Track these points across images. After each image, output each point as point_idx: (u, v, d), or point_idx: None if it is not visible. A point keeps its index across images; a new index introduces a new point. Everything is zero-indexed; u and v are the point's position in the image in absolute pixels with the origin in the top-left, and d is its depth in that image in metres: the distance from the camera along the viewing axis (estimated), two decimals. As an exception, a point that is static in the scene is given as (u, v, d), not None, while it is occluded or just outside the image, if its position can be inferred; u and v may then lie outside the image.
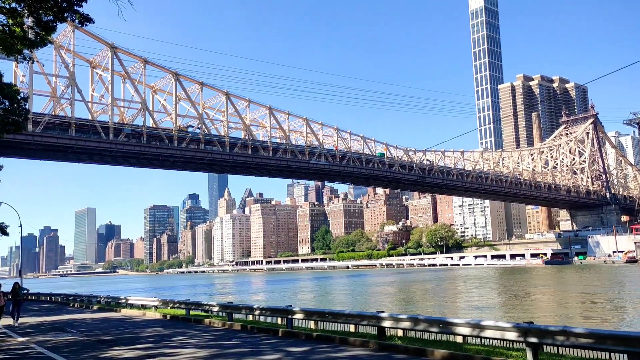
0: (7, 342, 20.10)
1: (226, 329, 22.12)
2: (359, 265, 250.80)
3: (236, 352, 15.66)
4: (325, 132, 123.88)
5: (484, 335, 13.76)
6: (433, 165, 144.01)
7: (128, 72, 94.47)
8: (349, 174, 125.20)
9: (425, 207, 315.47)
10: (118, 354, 15.89)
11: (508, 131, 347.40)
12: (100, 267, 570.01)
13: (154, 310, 31.06)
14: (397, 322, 16.04)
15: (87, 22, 15.45)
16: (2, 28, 15.23)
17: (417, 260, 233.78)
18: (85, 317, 30.48)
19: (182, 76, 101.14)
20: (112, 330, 23.02)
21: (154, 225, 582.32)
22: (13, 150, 79.24)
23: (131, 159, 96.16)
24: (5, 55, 18.52)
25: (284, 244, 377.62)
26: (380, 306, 47.34)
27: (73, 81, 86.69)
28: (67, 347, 17.81)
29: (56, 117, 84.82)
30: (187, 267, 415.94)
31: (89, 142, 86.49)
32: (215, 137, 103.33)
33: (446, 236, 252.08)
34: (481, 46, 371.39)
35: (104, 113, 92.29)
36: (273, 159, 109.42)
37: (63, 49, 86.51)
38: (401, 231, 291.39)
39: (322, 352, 15.11)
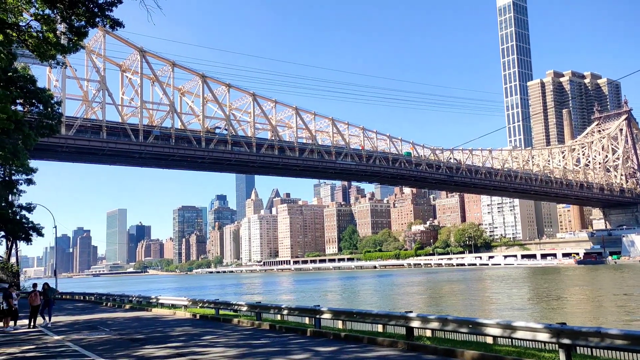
0: (43, 340, 20.64)
1: (255, 329, 22.29)
2: (386, 265, 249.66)
3: (265, 351, 15.77)
4: (352, 132, 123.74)
5: (515, 336, 13.56)
6: (460, 164, 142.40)
7: (157, 75, 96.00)
8: (375, 173, 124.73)
9: (453, 206, 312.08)
10: (150, 353, 16.16)
11: (538, 129, 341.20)
12: (132, 267, 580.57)
13: (184, 309, 31.48)
14: (426, 323, 15.92)
15: (118, 26, 15.78)
16: (37, 35, 15.64)
17: (445, 260, 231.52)
18: (117, 316, 31.08)
19: (209, 78, 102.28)
20: (144, 329, 23.42)
21: (183, 226, 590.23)
22: (47, 153, 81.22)
23: (160, 161, 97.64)
24: (40, 61, 19.05)
25: (311, 244, 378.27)
26: (408, 306, 47.05)
27: (104, 85, 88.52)
28: (100, 345, 18.20)
29: (88, 120, 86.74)
30: (215, 267, 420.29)
31: (119, 145, 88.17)
32: (242, 138, 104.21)
33: (475, 235, 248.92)
34: (509, 43, 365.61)
35: (134, 116, 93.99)
36: (299, 159, 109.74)
37: (94, 53, 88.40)
38: (429, 231, 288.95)
39: (351, 352, 15.10)
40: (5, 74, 27.02)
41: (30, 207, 43.37)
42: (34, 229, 40.82)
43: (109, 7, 15.05)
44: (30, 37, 15.70)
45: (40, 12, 15.40)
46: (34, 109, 33.48)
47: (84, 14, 14.79)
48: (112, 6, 15.18)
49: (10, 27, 15.49)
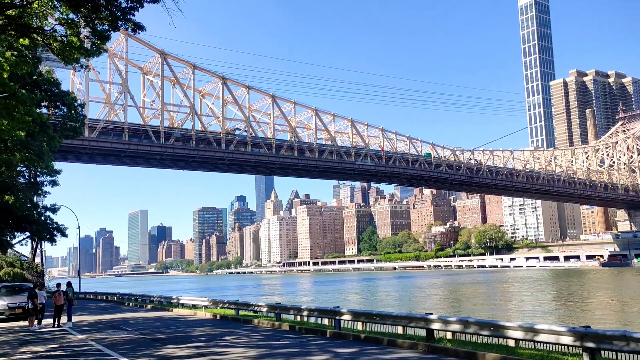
0: (67, 339, 20.98)
1: (275, 329, 22.35)
2: (406, 267, 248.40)
3: (285, 352, 15.80)
4: (371, 133, 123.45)
5: (538, 339, 13.37)
6: (481, 165, 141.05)
7: (177, 78, 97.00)
8: (395, 174, 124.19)
9: (474, 207, 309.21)
10: (171, 352, 16.32)
11: (560, 129, 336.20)
12: (153, 267, 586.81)
13: (205, 310, 31.70)
14: (447, 325, 15.80)
15: (140, 29, 15.97)
16: (61, 39, 15.91)
17: (465, 262, 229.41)
18: (139, 316, 31.44)
19: (229, 80, 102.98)
20: (165, 329, 23.65)
21: (203, 227, 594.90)
22: (71, 154, 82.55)
23: (181, 162, 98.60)
24: (64, 64, 19.38)
25: (331, 245, 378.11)
26: (429, 308, 46.75)
27: (126, 87, 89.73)
28: (123, 345, 18.43)
29: (110, 122, 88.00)
30: (235, 268, 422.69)
31: (141, 146, 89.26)
32: (261, 139, 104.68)
33: (496, 237, 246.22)
34: (531, 42, 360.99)
35: (155, 118, 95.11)
36: (319, 161, 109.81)
37: (116, 56, 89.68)
38: (449, 232, 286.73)
39: (370, 353, 15.06)
40: (31, 78, 27.54)
41: (54, 208, 44.04)
42: (58, 230, 41.41)
43: (131, 11, 15.25)
44: (55, 41, 15.97)
45: (65, 17, 15.66)
46: (58, 111, 34.08)
47: (107, 18, 15.01)
48: (134, 10, 15.38)
49: (35, 31, 15.79)
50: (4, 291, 32.51)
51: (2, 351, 18.00)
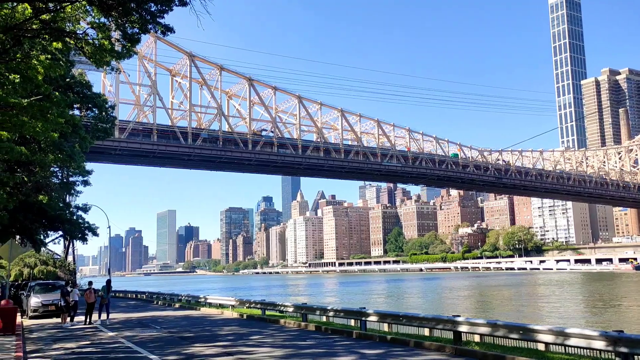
0: (98, 336, 21.42)
1: (301, 330, 22.40)
2: (432, 268, 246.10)
3: (311, 352, 15.82)
4: (397, 134, 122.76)
5: (569, 343, 13.11)
6: (510, 166, 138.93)
7: (205, 79, 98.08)
8: (421, 175, 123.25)
9: (502, 208, 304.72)
10: (199, 351, 16.51)
11: (592, 129, 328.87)
12: (180, 267, 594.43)
13: (231, 309, 31.95)
14: (475, 327, 15.60)
15: (169, 32, 16.21)
16: (93, 42, 16.25)
17: (493, 264, 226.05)
18: (167, 315, 31.87)
19: (255, 81, 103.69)
20: (193, 327, 23.93)
21: (230, 227, 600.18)
22: (101, 155, 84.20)
23: (208, 163, 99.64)
24: (95, 67, 19.79)
25: (357, 246, 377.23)
26: (456, 310, 46.24)
27: (155, 89, 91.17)
28: (152, 343, 18.72)
29: (140, 123, 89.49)
30: (261, 268, 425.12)
31: (169, 147, 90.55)
32: (288, 140, 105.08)
33: (525, 239, 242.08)
34: (562, 40, 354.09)
35: (183, 119, 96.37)
36: (345, 161, 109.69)
37: (146, 59, 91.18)
38: (476, 233, 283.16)
39: (397, 355, 14.97)
40: (64, 80, 28.23)
41: (86, 208, 44.91)
42: (89, 229, 42.20)
43: (161, 14, 15.48)
44: (87, 44, 16.32)
45: (96, 21, 16.00)
46: (89, 113, 34.82)
47: (137, 21, 15.27)
48: (164, 13, 15.61)
49: (68, 35, 16.16)
50: (38, 289, 33.36)
51: (37, 347, 18.48)
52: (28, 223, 34.27)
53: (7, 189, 24.40)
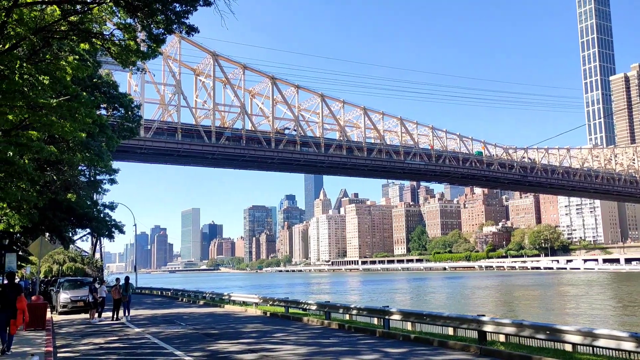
0: (125, 332, 21.80)
1: (324, 328, 22.43)
2: (456, 267, 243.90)
3: (334, 350, 15.84)
4: (421, 132, 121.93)
5: (597, 344, 12.87)
6: (535, 164, 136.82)
7: (228, 78, 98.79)
8: (445, 173, 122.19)
9: (527, 207, 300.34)
10: (223, 348, 16.67)
11: (621, 126, 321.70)
12: (205, 264, 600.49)
13: (255, 307, 32.14)
14: (500, 327, 15.42)
15: (193, 32, 16.39)
16: (119, 43, 16.52)
17: (518, 263, 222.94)
18: (192, 312, 32.24)
19: (278, 80, 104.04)
20: (217, 324, 24.16)
21: (253, 225, 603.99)
22: (127, 154, 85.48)
23: (231, 161, 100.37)
24: (122, 67, 20.12)
25: (379, 244, 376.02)
26: (480, 310, 45.78)
27: (179, 89, 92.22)
28: (177, 339, 18.97)
29: (164, 123, 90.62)
30: (284, 266, 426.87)
31: (193, 146, 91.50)
32: (310, 138, 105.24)
33: (551, 238, 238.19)
34: (590, 35, 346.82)
35: (207, 118, 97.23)
36: (367, 159, 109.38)
37: (170, 58, 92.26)
38: (501, 232, 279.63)
39: (421, 354, 14.90)
40: (91, 81, 28.75)
41: (112, 206, 45.73)
42: (116, 227, 42.99)
43: (185, 15, 15.66)
44: (114, 45, 16.60)
45: (122, 22, 16.26)
46: (116, 112, 35.40)
47: (162, 21, 15.47)
48: (188, 13, 15.79)
49: (95, 36, 16.45)
50: (67, 285, 34.07)
51: (66, 342, 18.90)
52: (57, 221, 35.04)
53: (37, 187, 24.94)
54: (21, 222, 26.95)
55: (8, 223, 28.11)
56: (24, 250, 44.31)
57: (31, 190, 22.23)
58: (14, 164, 18.11)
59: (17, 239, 41.26)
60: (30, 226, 31.33)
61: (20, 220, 26.63)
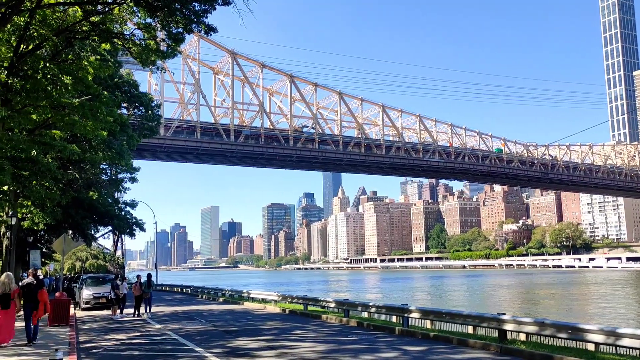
0: (147, 328, 22.08)
1: (342, 325, 22.44)
2: (476, 265, 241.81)
3: (353, 348, 15.85)
4: (439, 129, 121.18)
5: (620, 343, 12.66)
6: (557, 161, 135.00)
7: (247, 77, 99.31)
8: (464, 171, 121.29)
9: (548, 204, 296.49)
10: (243, 344, 16.79)
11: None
12: (224, 262, 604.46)
13: (274, 304, 32.27)
14: (521, 326, 15.27)
15: (212, 31, 16.52)
16: (139, 42, 16.72)
17: (539, 261, 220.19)
18: (212, 308, 32.50)
19: (296, 78, 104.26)
20: (237, 321, 24.33)
21: (272, 223, 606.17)
22: (147, 153, 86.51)
23: (250, 159, 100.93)
24: (142, 67, 20.36)
25: (398, 242, 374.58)
26: (500, 309, 45.33)
27: (198, 87, 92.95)
28: (197, 335, 19.16)
29: (184, 121, 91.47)
30: (303, 263, 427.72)
31: (212, 144, 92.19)
32: (329, 136, 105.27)
33: (573, 236, 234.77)
34: (613, 30, 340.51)
35: (226, 116, 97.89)
36: (386, 157, 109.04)
37: (189, 57, 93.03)
38: (521, 230, 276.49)
39: (440, 352, 14.82)
40: (112, 80, 29.15)
41: (133, 204, 46.40)
42: (137, 224, 43.57)
43: (204, 14, 15.80)
44: (134, 44, 16.81)
45: (143, 21, 16.46)
46: (136, 111, 35.85)
47: (182, 21, 15.63)
48: (207, 13, 15.93)
49: (116, 36, 16.69)
50: (90, 281, 34.58)
51: (90, 337, 19.22)
52: (79, 218, 35.61)
53: (60, 185, 25.38)
54: (45, 219, 27.46)
55: (32, 221, 28.67)
56: (47, 247, 45.13)
57: (54, 188, 22.63)
58: (38, 163, 18.45)
59: (41, 236, 42.06)
60: (54, 224, 31.92)
61: (44, 218, 27.14)
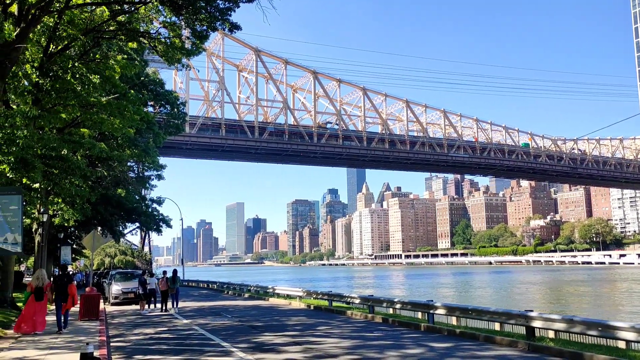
0: (174, 323, 22.41)
1: (367, 321, 22.42)
2: (502, 262, 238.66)
3: (378, 344, 15.82)
4: (464, 124, 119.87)
5: (653, 342, 12.37)
6: (586, 155, 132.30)
7: (271, 73, 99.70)
8: (490, 166, 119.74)
9: (577, 200, 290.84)
10: (268, 340, 16.90)
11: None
12: (249, 258, 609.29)
13: (299, 300, 32.40)
14: (549, 323, 15.03)
15: (236, 29, 16.63)
16: (165, 41, 16.93)
17: (568, 258, 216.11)
18: (237, 304, 32.80)
19: (320, 74, 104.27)
20: (262, 317, 24.50)
21: (296, 219, 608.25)
22: (173, 150, 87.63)
23: (274, 156, 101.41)
24: (167, 65, 20.61)
25: (423, 238, 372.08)
26: (528, 306, 44.63)
27: (222, 85, 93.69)
28: (224, 331, 19.36)
29: (209, 119, 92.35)
30: (327, 259, 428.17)
31: (237, 141, 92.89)
32: (352, 132, 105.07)
33: (603, 232, 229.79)
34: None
35: (250, 113, 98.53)
36: (410, 153, 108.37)
37: (214, 55, 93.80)
38: (549, 226, 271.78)
39: (467, 349, 14.69)
40: (139, 79, 29.56)
41: (160, 201, 46.98)
42: (163, 221, 44.12)
43: (228, 12, 15.92)
44: (160, 43, 17.03)
45: (168, 20, 16.66)
46: (162, 109, 36.31)
47: (206, 19, 15.78)
48: (231, 10, 16.05)
49: (142, 35, 16.93)
50: (118, 277, 35.26)
51: (119, 332, 19.60)
52: (108, 215, 36.29)
53: (89, 183, 25.88)
54: (75, 216, 28.03)
55: (63, 217, 29.31)
56: (77, 243, 46.08)
57: (84, 185, 23.08)
58: (67, 161, 18.84)
59: (71, 232, 42.99)
60: (83, 220, 32.56)
61: (74, 215, 27.71)
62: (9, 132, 15.07)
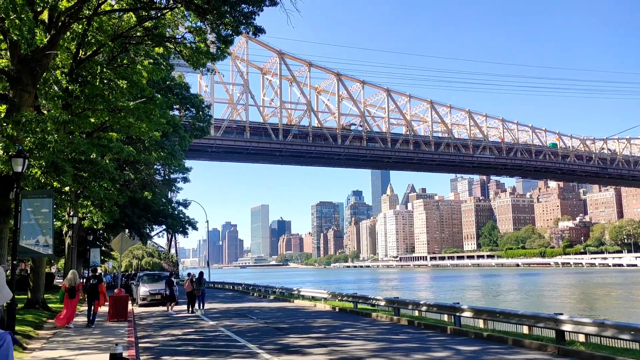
0: (200, 325, 22.63)
1: (393, 324, 22.28)
2: (530, 264, 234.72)
3: (404, 347, 15.70)
4: (490, 124, 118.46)
5: (689, 347, 12.01)
6: (616, 155, 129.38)
7: (294, 76, 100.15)
8: (516, 167, 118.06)
9: (607, 200, 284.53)
10: (294, 341, 16.93)
11: None
12: (274, 260, 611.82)
13: (324, 302, 32.35)
14: (579, 327, 14.71)
15: (260, 32, 16.75)
16: (190, 45, 17.15)
17: (599, 260, 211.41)
18: (263, 306, 32.93)
19: (344, 76, 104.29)
20: (287, 319, 24.56)
21: (321, 221, 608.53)
22: (198, 153, 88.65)
23: (298, 158, 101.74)
24: (192, 69, 20.88)
25: (448, 240, 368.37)
26: (557, 309, 43.83)
27: (247, 88, 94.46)
28: (249, 332, 19.47)
29: (233, 121, 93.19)
30: (352, 261, 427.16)
31: (261, 144, 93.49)
32: (376, 133, 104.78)
33: (634, 233, 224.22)
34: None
35: (274, 115, 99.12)
36: (435, 154, 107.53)
37: (238, 59, 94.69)
38: (579, 227, 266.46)
39: (494, 353, 14.48)
40: (165, 83, 29.98)
41: (185, 203, 47.62)
42: (189, 223, 44.65)
43: (252, 15, 16.05)
44: (185, 47, 17.27)
45: (193, 25, 16.88)
46: (188, 113, 36.75)
47: (231, 23, 15.93)
48: (255, 14, 16.17)
49: (168, 40, 17.18)
50: (146, 278, 35.74)
51: (147, 333, 19.88)
52: (135, 217, 36.86)
53: (118, 186, 26.32)
54: (104, 218, 28.56)
55: (92, 220, 29.88)
56: (106, 245, 46.90)
57: (112, 188, 23.48)
58: (96, 164, 19.20)
59: (100, 234, 43.80)
60: (112, 223, 33.15)
61: (102, 217, 28.23)
62: (40, 136, 15.44)
